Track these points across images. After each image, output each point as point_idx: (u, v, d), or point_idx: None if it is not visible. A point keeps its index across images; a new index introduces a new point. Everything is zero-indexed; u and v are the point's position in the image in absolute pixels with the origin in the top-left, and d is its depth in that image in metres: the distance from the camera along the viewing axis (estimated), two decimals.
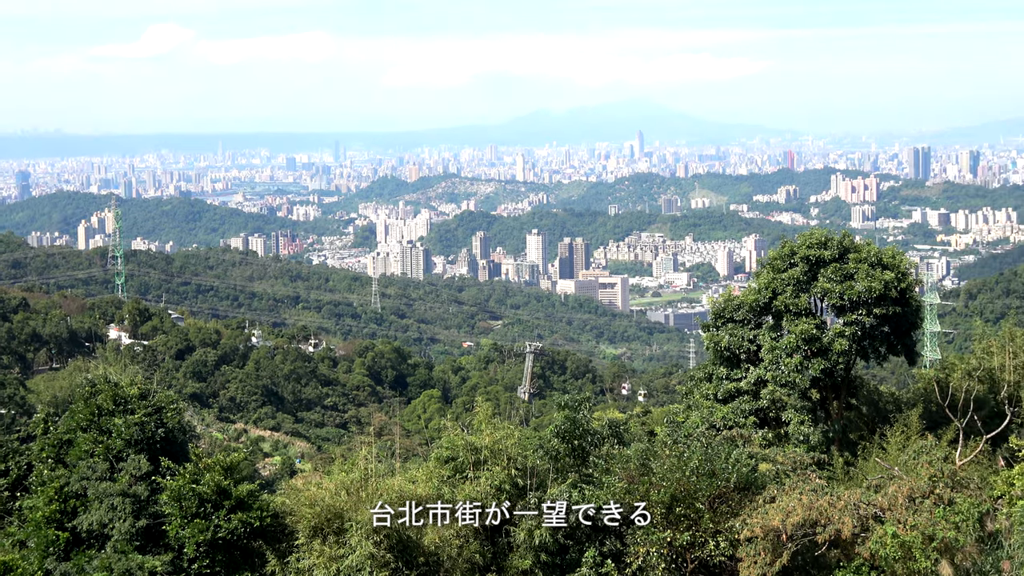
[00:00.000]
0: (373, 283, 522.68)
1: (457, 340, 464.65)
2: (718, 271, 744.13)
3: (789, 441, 65.35)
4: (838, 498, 43.52)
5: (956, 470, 47.85)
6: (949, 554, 40.99)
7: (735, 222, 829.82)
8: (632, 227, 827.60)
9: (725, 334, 69.04)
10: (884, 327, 66.84)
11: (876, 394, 75.37)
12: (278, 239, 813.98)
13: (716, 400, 69.36)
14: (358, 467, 48.17)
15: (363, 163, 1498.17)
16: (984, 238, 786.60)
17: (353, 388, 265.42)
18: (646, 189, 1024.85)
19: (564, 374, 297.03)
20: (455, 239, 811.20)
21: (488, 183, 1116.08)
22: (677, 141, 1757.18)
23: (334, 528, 44.97)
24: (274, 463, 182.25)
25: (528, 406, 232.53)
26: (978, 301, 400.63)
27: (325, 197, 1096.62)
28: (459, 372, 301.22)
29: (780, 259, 69.03)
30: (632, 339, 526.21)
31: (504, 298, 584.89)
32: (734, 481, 45.19)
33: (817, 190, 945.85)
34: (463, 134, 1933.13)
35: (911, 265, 70.48)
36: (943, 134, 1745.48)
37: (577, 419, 49.97)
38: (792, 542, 42.21)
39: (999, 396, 67.22)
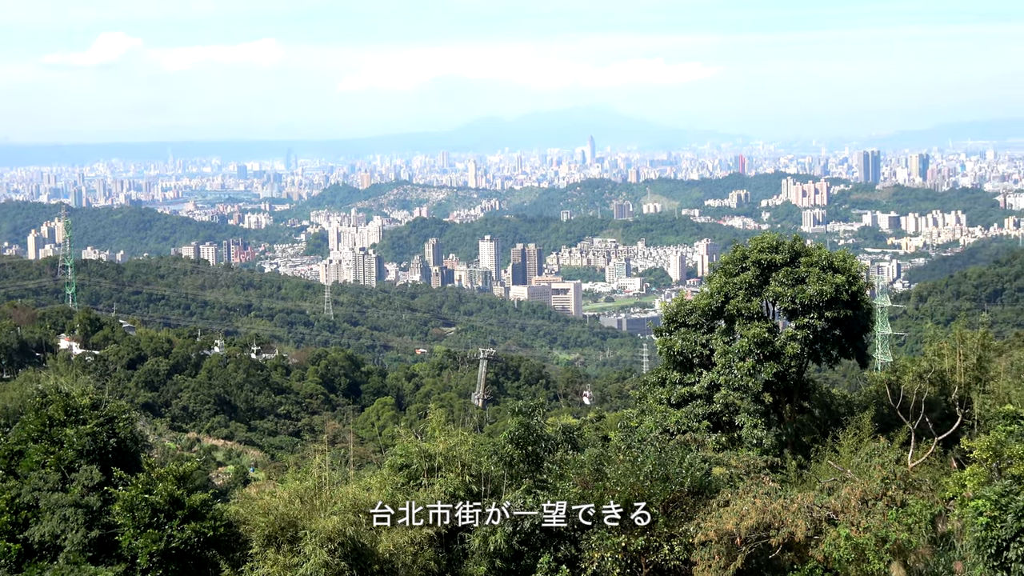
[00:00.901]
0: (326, 291, 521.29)
1: (410, 347, 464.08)
2: (671, 276, 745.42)
3: (742, 445, 65.59)
4: (791, 501, 43.69)
5: (908, 472, 48.12)
6: (902, 556, 41.19)
7: (687, 227, 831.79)
8: (584, 232, 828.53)
9: (678, 339, 69.25)
10: (836, 330, 67.11)
11: (828, 397, 75.72)
12: (230, 247, 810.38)
13: (669, 404, 69.55)
14: (312, 475, 48.12)
15: (315, 170, 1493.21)
16: (934, 241, 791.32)
17: (306, 396, 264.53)
18: (598, 195, 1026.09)
19: (518, 380, 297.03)
20: (408, 246, 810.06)
21: (440, 190, 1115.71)
22: (629, 146, 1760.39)
23: (288, 537, 44.85)
24: (227, 472, 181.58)
25: (482, 412, 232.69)
26: (928, 303, 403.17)
27: (277, 205, 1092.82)
28: (413, 379, 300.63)
29: (732, 263, 69.30)
30: (585, 344, 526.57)
31: (457, 304, 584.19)
32: (688, 485, 45.30)
33: (768, 194, 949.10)
34: (415, 140, 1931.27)
35: (862, 268, 70.83)
36: (892, 138, 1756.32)
37: (531, 425, 49.98)
38: (746, 545, 42.35)
39: (950, 398, 67.72)
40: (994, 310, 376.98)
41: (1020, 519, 37.88)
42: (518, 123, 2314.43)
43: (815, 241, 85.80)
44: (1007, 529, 38.13)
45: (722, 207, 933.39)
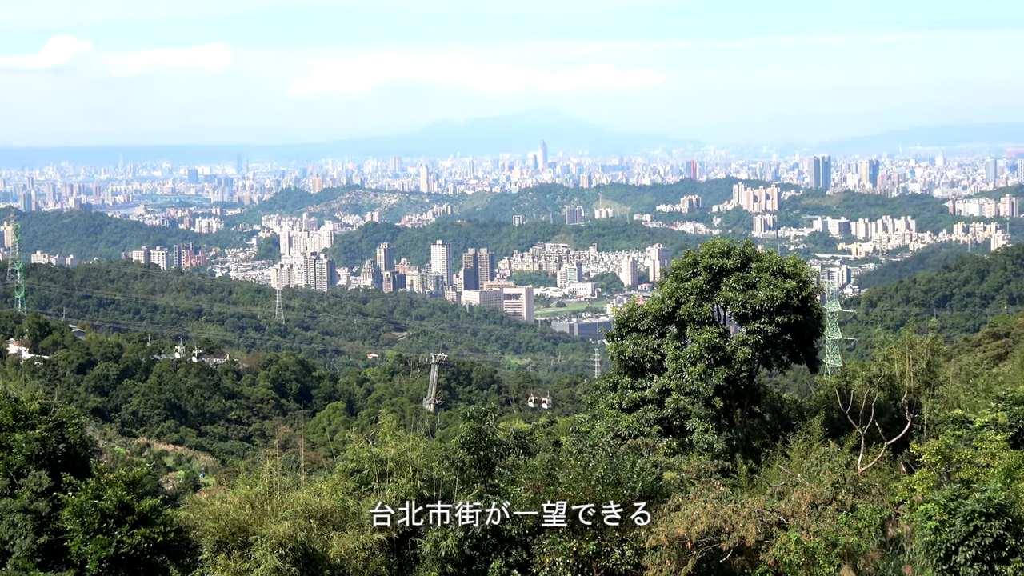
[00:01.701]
0: (277, 295, 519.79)
1: (362, 352, 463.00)
2: (622, 281, 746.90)
3: (693, 449, 65.69)
4: (742, 505, 43.82)
5: (858, 476, 48.38)
6: (852, 560, 41.39)
7: (639, 232, 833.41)
8: (536, 237, 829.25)
9: (629, 343, 69.31)
10: (786, 335, 67.37)
11: (779, 402, 75.97)
12: (180, 252, 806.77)
13: (621, 409, 69.57)
14: (263, 480, 47.94)
15: (266, 175, 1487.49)
16: (884, 246, 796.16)
17: (257, 401, 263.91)
18: (550, 199, 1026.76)
19: (469, 385, 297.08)
20: (359, 251, 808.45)
21: (392, 194, 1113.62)
22: (580, 151, 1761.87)
23: (239, 542, 44.63)
24: (177, 477, 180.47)
25: (433, 417, 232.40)
26: (878, 308, 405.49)
27: (228, 209, 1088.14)
28: (364, 384, 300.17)
29: (683, 268, 69.46)
30: (537, 349, 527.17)
31: (409, 309, 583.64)
32: (639, 490, 45.33)
33: (719, 200, 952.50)
34: (367, 145, 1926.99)
35: (812, 273, 71.22)
36: (843, 143, 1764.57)
37: (482, 430, 49.92)
38: (697, 550, 42.45)
39: (900, 402, 68.05)
40: (943, 315, 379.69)
41: (969, 523, 38.13)
42: (470, 128, 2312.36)
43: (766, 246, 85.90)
44: (956, 533, 38.37)
45: (674, 212, 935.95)
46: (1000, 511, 38.33)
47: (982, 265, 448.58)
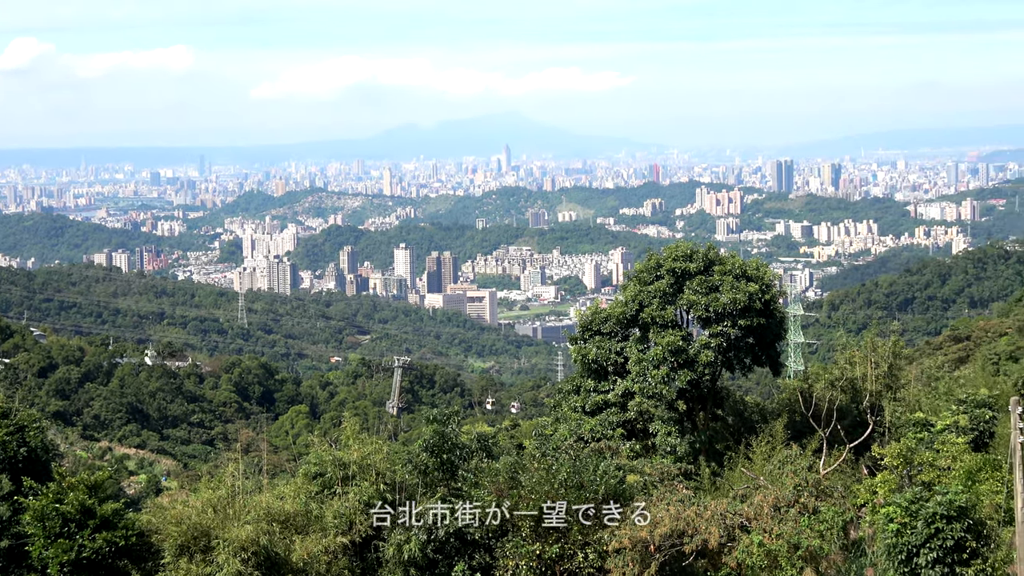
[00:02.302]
0: (240, 298, 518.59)
1: (325, 355, 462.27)
2: (585, 284, 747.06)
3: (656, 452, 65.83)
4: (705, 508, 43.88)
5: (820, 479, 48.51)
6: (814, 562, 41.49)
7: (602, 235, 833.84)
8: (500, 241, 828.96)
9: (593, 347, 69.40)
10: (749, 338, 67.57)
11: (742, 405, 76.19)
12: (142, 255, 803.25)
13: (584, 412, 69.66)
14: (225, 484, 47.75)
15: (229, 177, 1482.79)
16: (846, 250, 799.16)
17: (220, 404, 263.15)
18: (513, 203, 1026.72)
19: (433, 388, 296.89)
20: (322, 254, 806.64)
21: (355, 197, 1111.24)
22: (544, 154, 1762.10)
23: (201, 546, 44.46)
24: (139, 481, 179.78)
25: (397, 421, 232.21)
26: (840, 312, 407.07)
27: (190, 212, 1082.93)
28: (327, 387, 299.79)
29: (646, 272, 69.57)
30: (500, 352, 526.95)
31: (372, 313, 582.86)
32: (602, 493, 45.35)
33: (683, 203, 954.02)
34: (330, 148, 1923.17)
35: (775, 277, 71.52)
36: (805, 147, 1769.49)
37: (446, 433, 49.87)
38: (660, 552, 42.48)
39: (862, 406, 68.37)
40: (905, 318, 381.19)
41: (930, 525, 38.30)
42: (434, 131, 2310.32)
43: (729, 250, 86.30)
44: (917, 535, 38.53)
45: (637, 216, 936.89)
46: (961, 513, 38.52)
47: (943, 269, 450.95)
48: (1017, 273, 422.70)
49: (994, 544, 39.71)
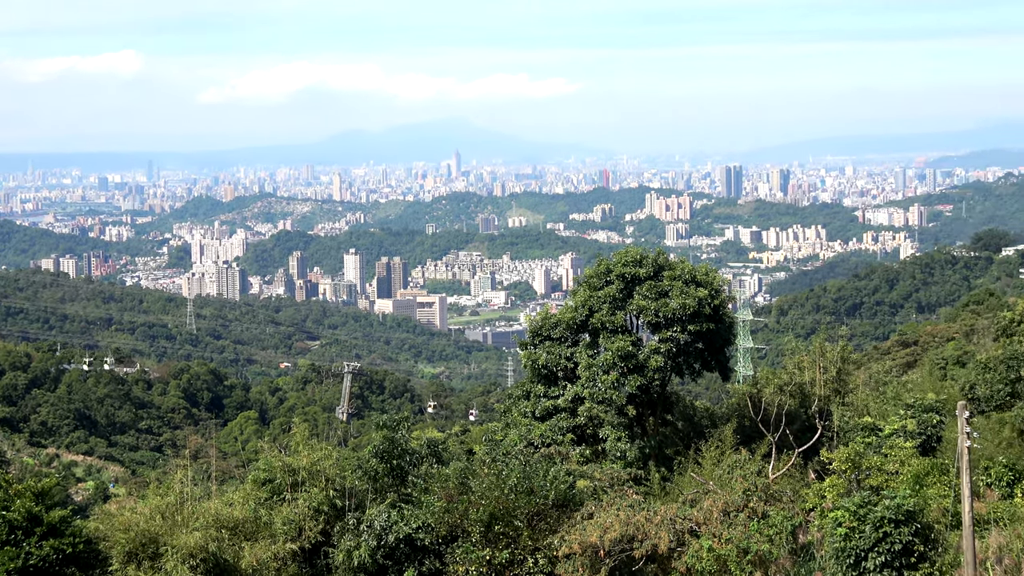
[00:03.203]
0: (188, 304, 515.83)
1: (274, 361, 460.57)
2: (535, 289, 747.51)
3: (606, 457, 65.89)
4: (655, 513, 43.95)
5: (769, 484, 48.67)
6: (763, 567, 41.62)
7: (552, 240, 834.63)
8: (450, 246, 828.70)
9: (543, 352, 69.40)
10: (698, 343, 67.79)
11: (691, 409, 76.37)
12: (90, 260, 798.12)
13: (534, 418, 69.63)
14: (173, 491, 47.54)
15: (177, 183, 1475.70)
16: (794, 255, 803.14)
17: (168, 410, 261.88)
18: (463, 208, 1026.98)
19: (382, 394, 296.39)
20: (272, 259, 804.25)
21: (305, 203, 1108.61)
22: (494, 160, 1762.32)
23: (149, 553, 44.22)
24: (87, 488, 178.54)
25: (346, 426, 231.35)
26: (789, 317, 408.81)
27: (139, 217, 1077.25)
28: (276, 393, 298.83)
29: (596, 277, 69.69)
30: (450, 358, 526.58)
31: (322, 318, 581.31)
32: (552, 498, 45.36)
33: (632, 208, 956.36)
34: (279, 153, 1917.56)
35: (724, 282, 71.77)
36: (754, 153, 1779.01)
37: (396, 439, 49.83)
38: (610, 558, 42.51)
39: (810, 410, 68.69)
40: (853, 323, 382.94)
41: (878, 529, 38.45)
42: (384, 136, 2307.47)
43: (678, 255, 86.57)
44: (865, 539, 38.69)
45: (587, 221, 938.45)
46: (909, 517, 38.69)
47: (891, 274, 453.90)
48: (964, 278, 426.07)
49: (942, 548, 39.92)
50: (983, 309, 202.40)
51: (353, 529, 46.23)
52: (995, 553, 39.91)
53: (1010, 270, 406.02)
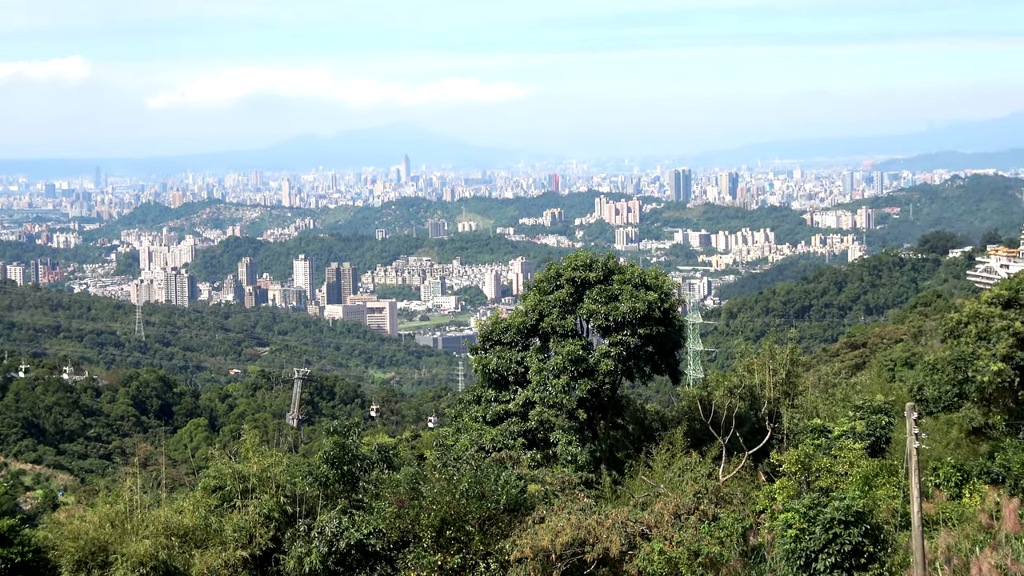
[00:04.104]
0: (137, 311, 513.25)
1: (224, 367, 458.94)
2: (486, 294, 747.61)
3: (557, 461, 65.92)
4: (606, 517, 43.98)
5: (720, 486, 48.75)
6: (714, 569, 41.71)
7: (502, 245, 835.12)
8: (400, 251, 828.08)
9: (493, 356, 69.40)
10: (648, 347, 67.92)
11: (642, 413, 76.58)
12: (37, 267, 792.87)
13: (485, 422, 69.61)
14: (123, 499, 47.26)
15: (125, 189, 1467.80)
16: (743, 258, 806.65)
17: (117, 418, 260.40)
18: (413, 213, 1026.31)
19: (333, 400, 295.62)
20: (221, 265, 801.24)
21: (254, 208, 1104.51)
22: (444, 165, 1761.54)
23: (99, 561, 43.98)
24: (36, 497, 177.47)
25: (297, 433, 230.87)
26: (738, 320, 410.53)
27: (86, 224, 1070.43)
28: (226, 400, 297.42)
29: (546, 281, 69.76)
30: (401, 363, 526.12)
31: (271, 324, 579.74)
32: (504, 503, 45.31)
33: (582, 213, 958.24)
34: (228, 159, 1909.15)
35: (673, 285, 71.96)
36: (704, 157, 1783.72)
37: (346, 445, 49.69)
38: (561, 562, 42.50)
39: (760, 413, 68.95)
40: (802, 326, 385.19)
41: (828, 531, 38.62)
42: (333, 141, 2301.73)
43: (628, 259, 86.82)
44: (815, 541, 38.84)
45: (536, 225, 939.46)
46: (859, 518, 38.86)
47: (839, 276, 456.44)
48: (912, 280, 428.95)
49: (891, 548, 40.10)
50: (931, 311, 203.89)
51: (304, 535, 46.07)
52: (944, 553, 40.15)
53: (957, 272, 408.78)
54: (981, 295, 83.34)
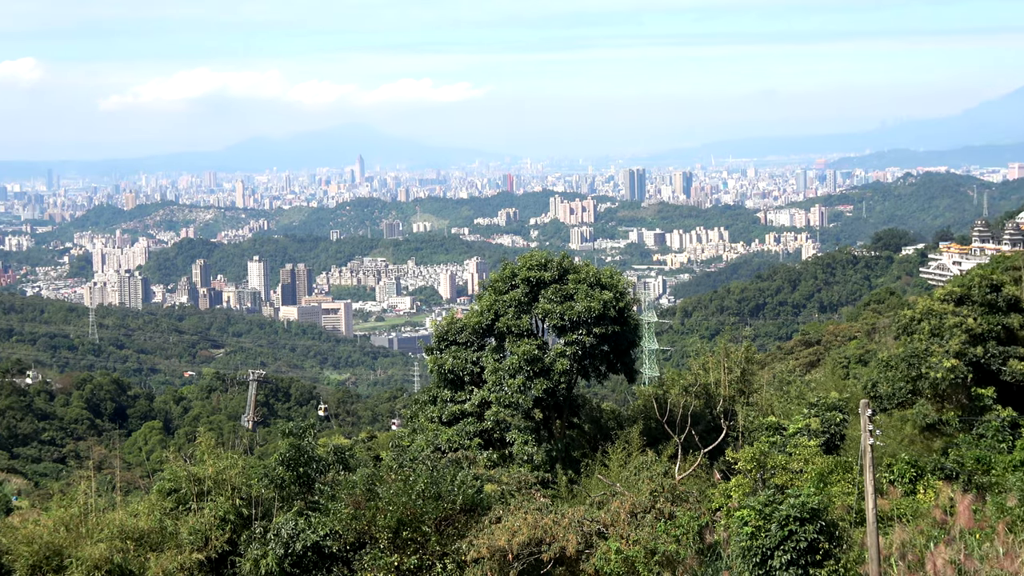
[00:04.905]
0: (90, 314, 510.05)
1: (178, 370, 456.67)
2: (441, 294, 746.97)
3: (514, 461, 65.95)
4: (562, 516, 44.00)
5: (676, 484, 48.88)
6: (671, 567, 41.76)
7: (457, 245, 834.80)
8: (355, 252, 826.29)
9: (449, 357, 69.43)
10: (604, 346, 68.04)
11: (598, 412, 76.70)
12: None
13: (441, 423, 69.62)
14: (77, 502, 47.04)
15: (78, 191, 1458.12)
16: (698, 257, 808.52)
17: (71, 422, 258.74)
18: (368, 214, 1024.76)
19: (288, 401, 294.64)
20: (175, 267, 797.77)
21: (208, 210, 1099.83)
22: (398, 165, 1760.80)
23: (53, 566, 43.79)
24: None
25: (252, 435, 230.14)
26: (693, 318, 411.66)
27: (39, 227, 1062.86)
28: (181, 402, 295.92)
29: (501, 281, 69.85)
30: (357, 364, 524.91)
31: (226, 326, 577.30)
32: (460, 503, 45.28)
33: (537, 212, 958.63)
34: (182, 160, 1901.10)
35: (628, 285, 72.18)
36: (658, 156, 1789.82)
37: (302, 446, 49.56)
38: (518, 561, 42.50)
39: (715, 411, 69.24)
40: (757, 324, 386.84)
41: (784, 528, 38.73)
42: (287, 142, 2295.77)
43: (583, 258, 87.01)
44: (771, 538, 38.94)
45: (491, 225, 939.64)
46: (814, 515, 38.99)
47: (793, 274, 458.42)
48: (865, 278, 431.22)
49: (846, 545, 40.22)
50: (884, 308, 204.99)
51: (260, 538, 45.92)
52: (898, 549, 40.28)
53: (910, 269, 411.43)
54: (934, 292, 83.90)
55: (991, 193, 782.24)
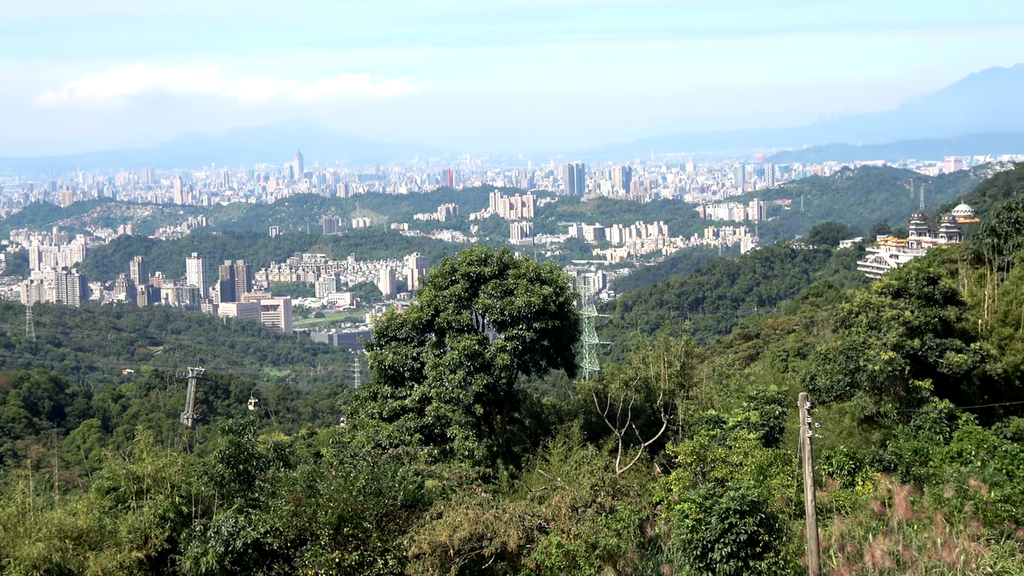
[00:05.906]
0: (27, 311, 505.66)
1: (117, 368, 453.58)
2: (381, 290, 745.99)
3: (455, 457, 65.97)
4: (503, 511, 44.02)
5: (616, 478, 48.98)
6: (612, 561, 41.84)
7: (397, 241, 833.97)
8: (294, 248, 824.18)
9: (389, 352, 69.34)
10: (544, 341, 68.17)
11: (538, 407, 76.78)
12: None
13: (382, 419, 69.54)
14: (15, 502, 46.62)
15: (14, 188, 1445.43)
16: (638, 251, 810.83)
17: (8, 420, 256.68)
18: (307, 210, 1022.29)
19: (228, 398, 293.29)
20: (112, 264, 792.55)
21: (145, 207, 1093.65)
22: (337, 161, 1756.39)
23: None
24: None
25: (192, 432, 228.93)
26: (633, 312, 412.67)
27: None
28: (119, 400, 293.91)
29: (441, 277, 69.84)
30: (297, 361, 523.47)
31: (165, 323, 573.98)
32: (401, 499, 45.23)
33: (476, 207, 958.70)
34: (119, 157, 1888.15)
35: (568, 279, 72.28)
36: (597, 152, 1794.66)
37: (242, 443, 49.32)
38: (460, 556, 42.50)
39: (656, 404, 69.43)
40: (696, 318, 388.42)
41: (724, 521, 38.90)
42: (225, 139, 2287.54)
43: (523, 253, 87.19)
44: (712, 531, 39.11)
45: (431, 221, 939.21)
46: (754, 508, 39.18)
47: (732, 268, 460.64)
48: (803, 271, 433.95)
49: (786, 537, 40.43)
50: (822, 301, 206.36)
51: (200, 535, 45.69)
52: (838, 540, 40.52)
53: (847, 262, 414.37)
54: (871, 285, 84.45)
55: (928, 187, 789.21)
